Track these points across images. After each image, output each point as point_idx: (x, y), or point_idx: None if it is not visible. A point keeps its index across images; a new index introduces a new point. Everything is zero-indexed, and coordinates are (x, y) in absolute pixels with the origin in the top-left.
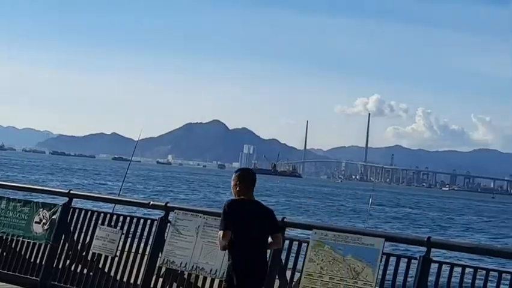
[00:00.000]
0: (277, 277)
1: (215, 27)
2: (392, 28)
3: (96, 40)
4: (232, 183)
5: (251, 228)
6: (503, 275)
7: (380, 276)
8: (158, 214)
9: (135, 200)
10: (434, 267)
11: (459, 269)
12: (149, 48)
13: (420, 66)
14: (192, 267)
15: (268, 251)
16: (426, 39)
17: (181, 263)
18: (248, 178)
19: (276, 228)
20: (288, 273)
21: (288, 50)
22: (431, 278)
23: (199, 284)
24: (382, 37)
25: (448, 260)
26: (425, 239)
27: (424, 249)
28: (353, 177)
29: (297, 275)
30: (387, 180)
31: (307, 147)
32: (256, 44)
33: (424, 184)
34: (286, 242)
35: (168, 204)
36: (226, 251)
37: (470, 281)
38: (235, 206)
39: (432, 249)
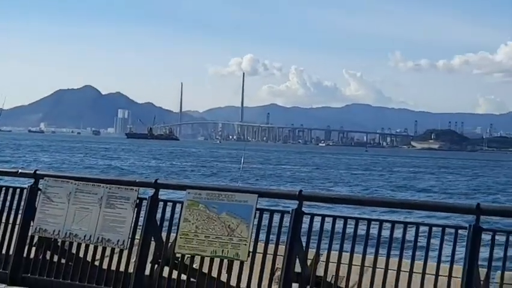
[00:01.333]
0: (152, 239)
1: None
2: None
3: None
4: None
5: None
6: (372, 223)
7: (254, 231)
8: (28, 182)
9: (2, 169)
10: (306, 219)
11: (330, 219)
12: (15, 13)
13: (290, 25)
14: (65, 234)
15: (142, 215)
16: None
17: (53, 231)
18: None
19: None
20: (164, 234)
21: (157, 11)
22: (304, 230)
23: (73, 250)
24: None
25: (321, 212)
26: (297, 193)
27: (297, 202)
28: (230, 137)
29: (172, 235)
30: (264, 138)
31: (183, 110)
32: (126, 6)
33: (300, 141)
34: (161, 204)
35: (37, 172)
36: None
37: (341, 230)
38: None
39: (314, 204)
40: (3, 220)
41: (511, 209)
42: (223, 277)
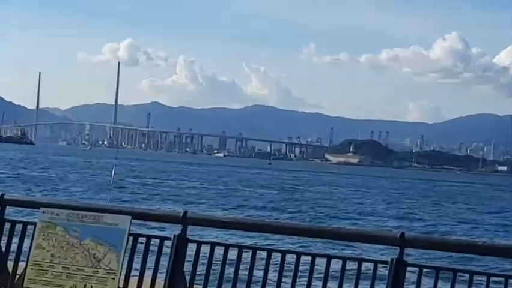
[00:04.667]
0: None
1: None
2: None
3: None
4: None
5: None
6: (273, 253)
7: (126, 262)
8: None
9: None
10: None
11: (221, 248)
12: None
13: (180, 7)
14: None
15: None
16: None
17: None
18: None
19: None
20: (10, 264)
21: None
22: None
23: None
24: None
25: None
26: (181, 215)
27: (181, 227)
28: (100, 142)
29: (22, 265)
30: (143, 145)
31: (40, 106)
32: None
33: (188, 149)
34: (7, 225)
35: None
36: None
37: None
38: None
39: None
40: None
41: (439, 240)
42: None
